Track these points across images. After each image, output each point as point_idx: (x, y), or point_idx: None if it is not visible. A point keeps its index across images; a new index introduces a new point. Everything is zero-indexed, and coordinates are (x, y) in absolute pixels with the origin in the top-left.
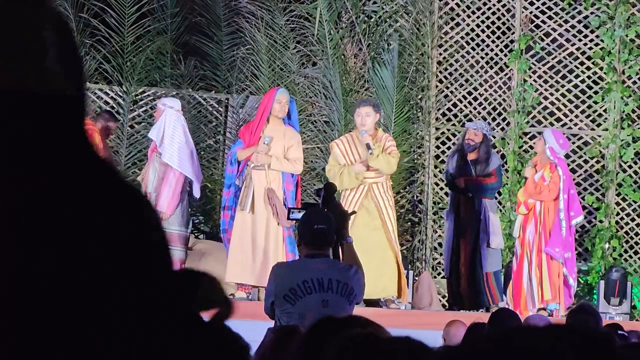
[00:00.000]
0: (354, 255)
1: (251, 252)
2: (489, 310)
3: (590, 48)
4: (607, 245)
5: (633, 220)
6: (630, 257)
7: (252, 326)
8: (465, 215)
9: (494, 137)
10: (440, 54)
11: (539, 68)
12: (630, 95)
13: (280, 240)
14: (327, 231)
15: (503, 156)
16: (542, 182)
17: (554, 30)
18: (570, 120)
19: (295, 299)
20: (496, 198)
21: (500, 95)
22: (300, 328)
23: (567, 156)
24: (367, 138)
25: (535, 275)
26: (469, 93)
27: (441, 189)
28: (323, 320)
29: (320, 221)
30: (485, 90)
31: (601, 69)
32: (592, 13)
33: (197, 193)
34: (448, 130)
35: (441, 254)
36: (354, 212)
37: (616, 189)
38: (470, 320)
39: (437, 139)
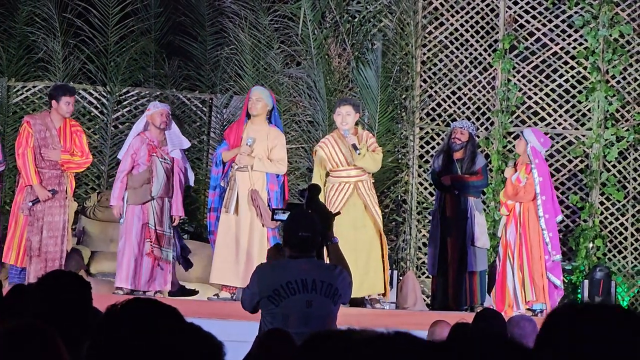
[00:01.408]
0: (340, 255)
1: (235, 254)
2: (473, 310)
3: (574, 48)
4: (591, 245)
5: (617, 219)
6: (614, 256)
7: (236, 326)
8: (452, 214)
9: (478, 137)
10: (424, 54)
11: (523, 68)
12: (614, 95)
13: (265, 241)
14: (311, 238)
15: (487, 156)
16: (518, 183)
17: (538, 29)
18: (554, 120)
19: (279, 300)
20: (480, 197)
21: (484, 95)
22: (284, 330)
23: (551, 155)
24: (352, 138)
25: (518, 277)
26: (453, 93)
27: (425, 188)
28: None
29: (305, 228)
30: (469, 90)
31: (585, 68)
32: (576, 12)
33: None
34: (432, 130)
35: (425, 254)
36: (338, 213)
37: (600, 189)
38: (455, 320)
39: (421, 138)
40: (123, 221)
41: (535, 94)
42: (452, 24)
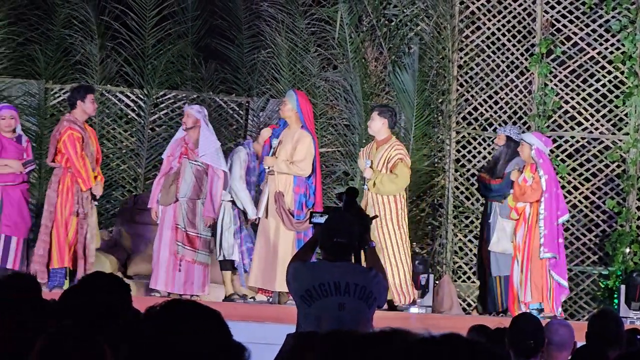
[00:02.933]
0: (377, 259)
1: (267, 257)
2: (499, 315)
3: (611, 52)
4: (627, 250)
5: None
6: None
7: (273, 329)
8: (482, 218)
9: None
10: (461, 58)
11: (560, 72)
12: None
13: (291, 244)
14: (346, 244)
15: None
16: (525, 183)
17: (575, 34)
18: (591, 125)
19: (311, 301)
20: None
21: (520, 99)
22: (318, 334)
23: (588, 160)
24: (368, 171)
25: (520, 277)
26: (490, 97)
27: (462, 192)
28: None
29: (342, 234)
30: (506, 94)
31: (622, 73)
32: (613, 17)
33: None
34: (468, 134)
35: (461, 258)
36: (375, 217)
37: (637, 193)
38: (492, 324)
39: (458, 142)
40: (159, 223)
41: (572, 98)
42: (488, 28)
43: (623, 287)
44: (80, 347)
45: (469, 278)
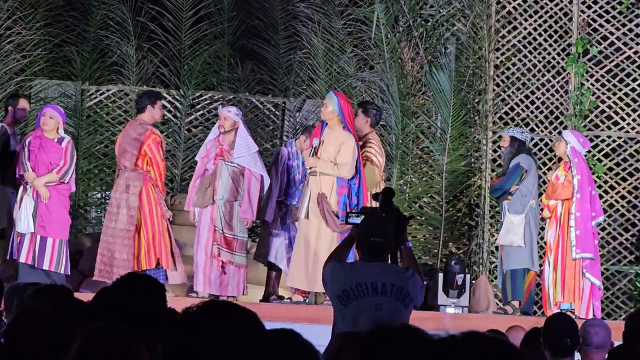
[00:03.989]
0: (413, 259)
1: (307, 258)
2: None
3: None
4: None
5: None
6: None
7: (310, 330)
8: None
9: (551, 141)
10: (497, 58)
11: (596, 72)
12: None
13: (332, 245)
14: (383, 244)
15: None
16: (557, 181)
17: (612, 33)
18: (628, 124)
19: (348, 301)
20: (516, 198)
21: (557, 99)
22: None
23: (625, 160)
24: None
25: (552, 277)
26: (526, 97)
27: None
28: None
29: (378, 234)
30: (543, 94)
31: None
32: None
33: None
34: None
35: (498, 258)
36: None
37: None
38: (530, 324)
39: (494, 142)
40: (196, 225)
41: (609, 97)
42: (525, 28)
43: None
44: (115, 348)
45: None
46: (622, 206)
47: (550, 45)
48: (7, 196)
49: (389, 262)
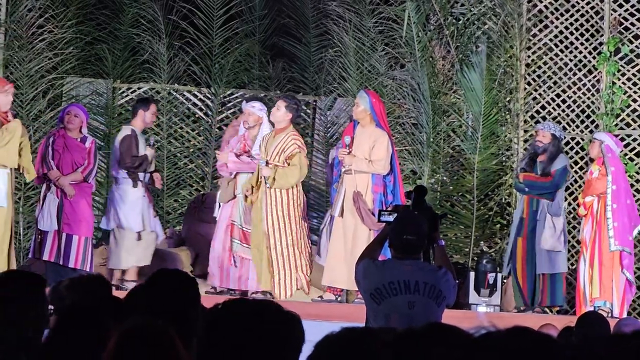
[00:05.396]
0: (446, 257)
1: (342, 256)
2: (544, 312)
3: None
4: None
5: None
6: None
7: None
8: (526, 215)
9: (582, 140)
10: (529, 56)
11: (628, 70)
12: None
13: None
14: (416, 241)
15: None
16: (591, 176)
17: None
18: None
19: (381, 299)
20: (557, 200)
21: (588, 98)
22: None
23: None
24: (265, 170)
25: (588, 273)
26: (558, 95)
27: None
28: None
29: (410, 231)
30: (574, 92)
31: None
32: None
33: None
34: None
35: None
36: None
37: None
38: (561, 323)
39: (525, 141)
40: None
41: None
42: (556, 27)
43: None
44: (153, 342)
45: None
46: None
47: (582, 43)
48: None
49: (422, 260)
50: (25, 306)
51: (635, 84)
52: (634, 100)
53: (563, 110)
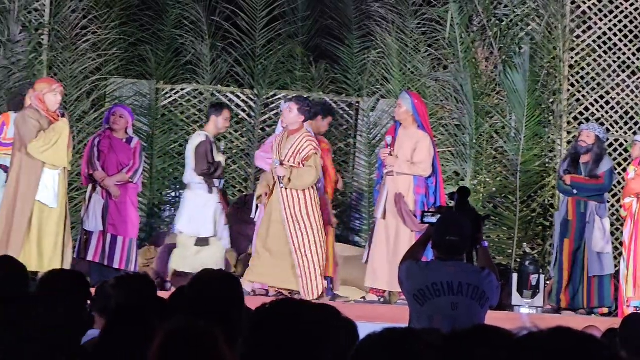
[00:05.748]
0: (489, 259)
1: (385, 257)
2: (592, 314)
3: None
4: None
5: None
6: None
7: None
8: (573, 217)
9: (626, 142)
10: (572, 58)
11: None
12: None
13: (411, 244)
14: (459, 242)
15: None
16: (627, 176)
17: None
18: None
19: (424, 300)
20: (605, 203)
21: (632, 99)
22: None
23: None
24: (280, 170)
25: (624, 274)
26: (601, 97)
27: None
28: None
29: (453, 232)
30: (617, 94)
31: None
32: None
33: None
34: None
35: None
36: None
37: None
38: (604, 325)
39: (569, 142)
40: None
41: None
42: (600, 28)
43: None
44: (197, 343)
45: None
46: None
47: (625, 45)
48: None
49: (465, 261)
50: (67, 306)
51: None
52: None
53: (606, 112)
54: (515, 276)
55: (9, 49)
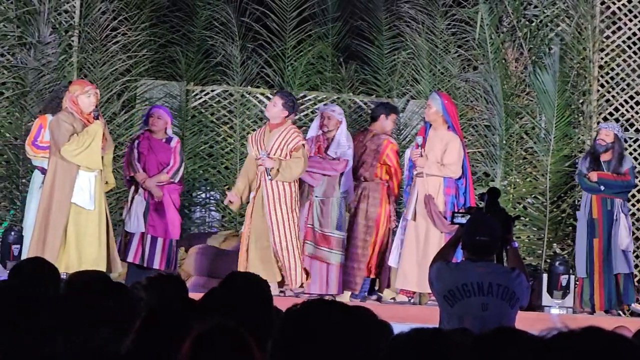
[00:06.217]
0: (519, 259)
1: (415, 259)
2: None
3: None
4: None
5: None
6: None
7: None
8: (599, 215)
9: (626, 140)
10: (602, 58)
11: None
12: None
13: (440, 246)
14: (489, 242)
15: None
16: None
17: None
18: None
19: (454, 301)
20: (626, 200)
21: None
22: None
23: None
24: (268, 162)
25: None
26: (631, 97)
27: None
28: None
29: (483, 232)
30: None
31: None
32: None
33: None
34: None
35: None
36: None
37: None
38: (635, 325)
39: None
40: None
41: None
42: (630, 29)
43: None
44: (227, 344)
45: None
46: None
47: None
48: None
49: (494, 262)
50: (100, 309)
51: None
52: None
53: (636, 112)
54: (545, 277)
55: (39, 51)
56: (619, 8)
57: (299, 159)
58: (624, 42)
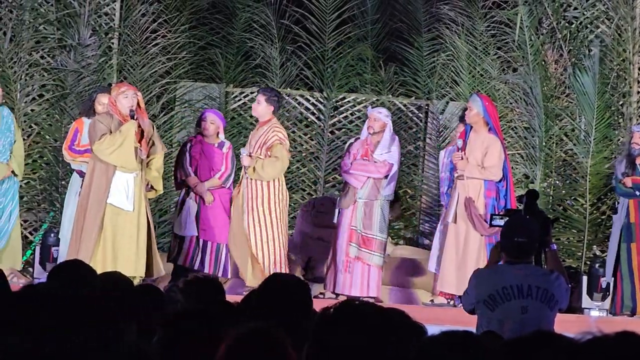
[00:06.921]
0: (558, 262)
1: (455, 261)
2: None
3: None
4: None
5: None
6: None
7: None
8: (635, 220)
9: None
10: None
11: None
12: None
13: (483, 248)
14: (527, 244)
15: None
16: None
17: None
18: None
19: (495, 305)
20: None
21: None
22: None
23: None
24: (246, 159)
25: None
26: None
27: None
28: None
29: (522, 233)
30: None
31: None
32: None
33: None
34: None
35: None
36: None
37: None
38: None
39: None
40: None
41: None
42: None
43: None
44: (264, 348)
45: None
46: None
47: None
48: None
49: (533, 264)
50: (135, 314)
51: None
52: None
53: None
54: (585, 279)
55: (79, 53)
56: None
57: (275, 159)
58: None
